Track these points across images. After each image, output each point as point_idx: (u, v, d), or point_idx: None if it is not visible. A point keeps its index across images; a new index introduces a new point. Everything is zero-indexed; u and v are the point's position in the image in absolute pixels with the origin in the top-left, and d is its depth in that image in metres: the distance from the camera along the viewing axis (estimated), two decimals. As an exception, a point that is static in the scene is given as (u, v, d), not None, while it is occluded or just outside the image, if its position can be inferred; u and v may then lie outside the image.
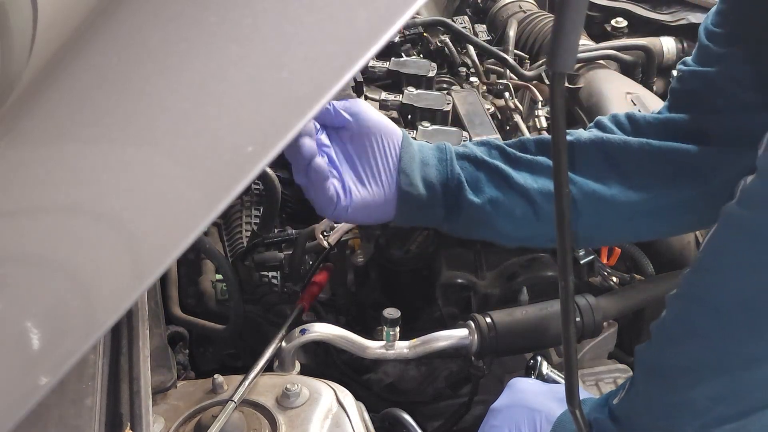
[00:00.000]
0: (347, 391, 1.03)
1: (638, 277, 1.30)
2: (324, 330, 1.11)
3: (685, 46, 1.84)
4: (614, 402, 0.91)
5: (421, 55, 1.66)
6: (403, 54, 1.63)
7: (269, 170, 1.39)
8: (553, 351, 1.26)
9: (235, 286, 1.25)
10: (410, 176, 1.08)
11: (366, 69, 1.52)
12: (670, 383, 0.85)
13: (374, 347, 1.11)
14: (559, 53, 0.65)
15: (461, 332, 1.13)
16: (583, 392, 1.00)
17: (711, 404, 0.81)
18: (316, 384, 1.03)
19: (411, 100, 1.42)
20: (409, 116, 1.43)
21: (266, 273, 1.40)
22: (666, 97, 1.17)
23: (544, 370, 1.15)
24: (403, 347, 1.11)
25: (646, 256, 1.32)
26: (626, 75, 1.77)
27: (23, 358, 0.59)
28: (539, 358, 1.16)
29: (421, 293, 1.29)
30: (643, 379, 0.88)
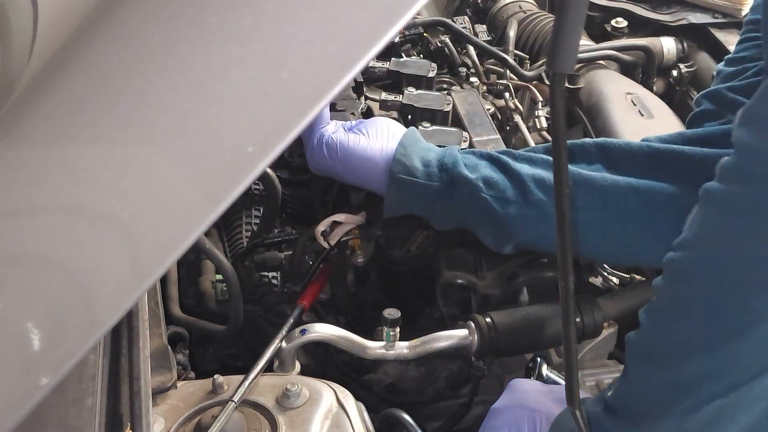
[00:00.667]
0: (347, 392, 1.03)
1: (638, 277, 1.30)
2: (324, 330, 1.11)
3: (685, 46, 1.84)
4: (609, 394, 0.91)
5: (421, 56, 1.66)
6: (403, 54, 1.63)
7: (269, 170, 1.39)
8: (553, 351, 1.26)
9: (235, 286, 1.25)
10: (407, 149, 1.15)
11: (366, 69, 1.52)
12: (660, 364, 0.85)
13: (374, 347, 1.11)
14: (559, 53, 0.65)
15: (461, 332, 1.13)
16: (583, 393, 1.00)
17: (700, 381, 0.81)
18: (316, 384, 1.03)
19: (411, 100, 1.42)
20: (410, 116, 1.43)
21: (266, 273, 1.40)
22: (665, 97, 1.17)
23: (544, 371, 1.15)
24: (403, 347, 1.11)
25: (646, 257, 1.32)
26: (626, 75, 1.77)
27: (23, 358, 0.59)
28: (539, 359, 1.16)
29: (421, 293, 1.29)
30: (634, 365, 0.89)
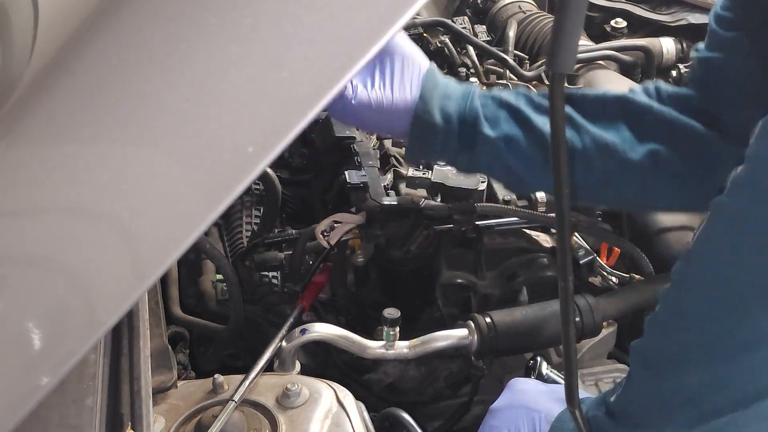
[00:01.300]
0: (347, 391, 1.03)
1: (638, 277, 1.30)
2: (324, 330, 1.11)
3: (685, 46, 1.84)
4: (611, 399, 0.91)
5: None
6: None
7: (269, 170, 1.39)
8: (552, 351, 1.26)
9: (235, 286, 1.25)
10: (428, 104, 1.10)
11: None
12: (664, 373, 0.85)
13: (374, 347, 1.11)
14: (559, 54, 0.65)
15: (461, 332, 1.13)
16: (583, 392, 1.00)
17: (705, 393, 0.82)
18: (316, 384, 1.03)
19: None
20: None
21: (266, 273, 1.40)
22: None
23: (544, 370, 1.15)
24: (403, 347, 1.11)
25: (645, 257, 1.32)
26: (626, 75, 1.77)
27: (24, 358, 0.59)
28: (539, 359, 1.16)
29: (421, 293, 1.29)
30: (638, 372, 0.89)
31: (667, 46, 1.82)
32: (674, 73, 1.82)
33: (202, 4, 0.59)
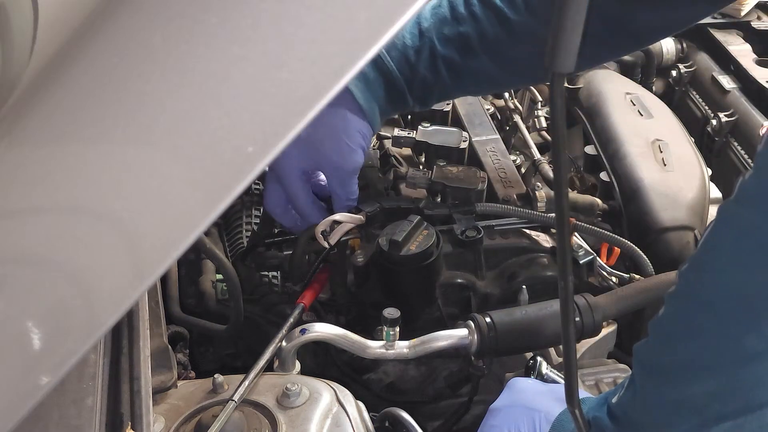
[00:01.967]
0: (347, 391, 1.03)
1: (638, 277, 1.30)
2: (324, 330, 1.11)
3: (684, 46, 1.84)
4: (613, 401, 0.91)
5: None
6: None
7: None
8: (552, 351, 1.26)
9: (235, 286, 1.25)
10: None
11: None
12: (667, 380, 0.85)
13: (374, 347, 1.11)
14: (559, 53, 0.65)
15: (461, 332, 1.13)
16: (583, 392, 1.00)
17: (709, 401, 0.81)
18: (316, 384, 1.03)
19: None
20: (409, 117, 1.43)
21: (266, 273, 1.40)
22: (665, 97, 1.17)
23: (544, 370, 1.15)
24: (403, 347, 1.11)
25: (645, 256, 1.32)
26: (626, 75, 1.77)
27: (24, 358, 0.59)
28: (539, 358, 1.16)
29: (421, 293, 1.29)
30: (641, 377, 0.89)
31: (667, 46, 1.82)
32: (674, 73, 1.82)
33: (203, 4, 0.59)
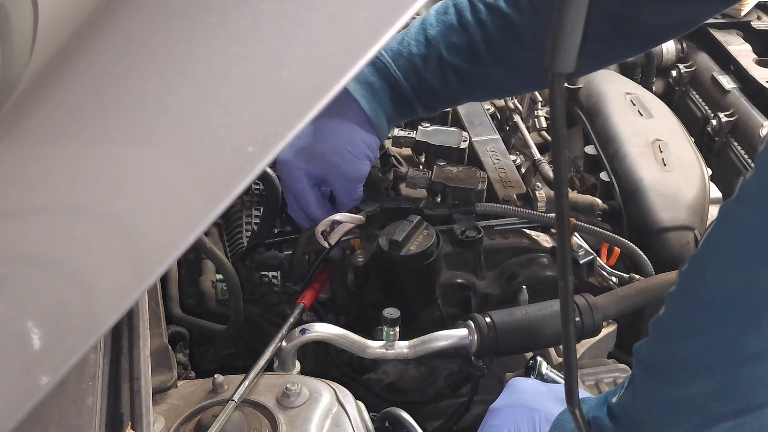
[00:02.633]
0: (347, 391, 1.03)
1: (638, 277, 1.30)
2: (324, 330, 1.11)
3: (684, 46, 1.84)
4: (613, 401, 0.91)
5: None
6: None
7: (269, 170, 1.39)
8: (552, 351, 1.26)
9: (235, 286, 1.25)
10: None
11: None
12: (667, 380, 0.85)
13: (374, 347, 1.11)
14: (558, 53, 0.65)
15: (461, 332, 1.13)
16: (583, 392, 1.00)
17: (709, 400, 0.81)
18: (316, 384, 1.03)
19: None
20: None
21: (266, 273, 1.40)
22: (665, 97, 1.17)
23: (544, 370, 1.15)
24: (403, 347, 1.11)
25: (645, 256, 1.32)
26: (626, 75, 1.77)
27: (24, 358, 0.59)
28: (539, 358, 1.16)
29: (421, 293, 1.29)
30: (641, 377, 0.89)
31: (667, 46, 1.82)
32: (674, 73, 1.82)
33: (203, 4, 0.59)
